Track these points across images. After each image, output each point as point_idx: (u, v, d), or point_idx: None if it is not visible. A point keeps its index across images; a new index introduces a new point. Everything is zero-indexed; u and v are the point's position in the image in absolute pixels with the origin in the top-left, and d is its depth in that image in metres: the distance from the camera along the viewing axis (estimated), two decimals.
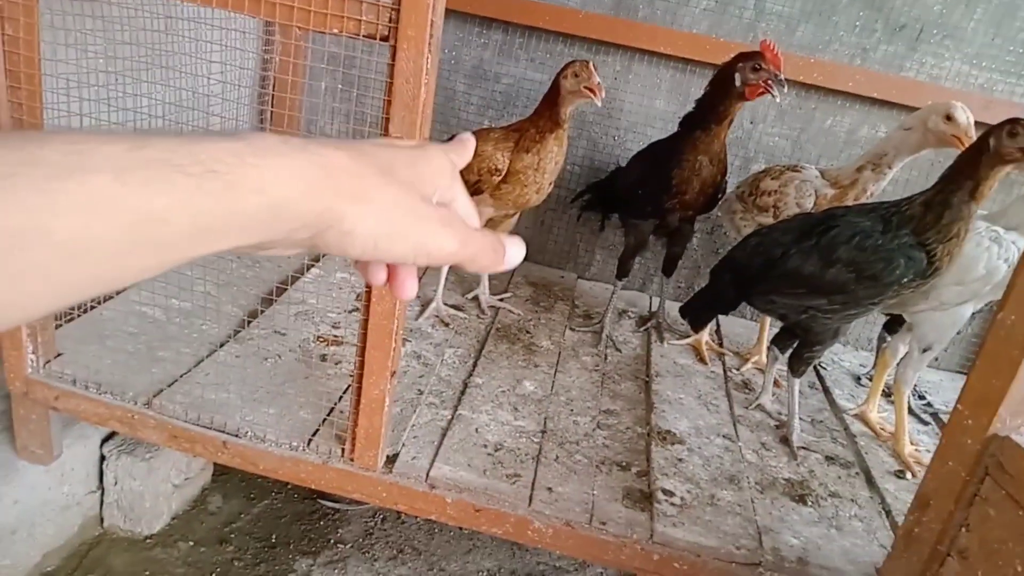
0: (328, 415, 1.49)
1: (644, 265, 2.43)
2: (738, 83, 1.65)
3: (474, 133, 2.09)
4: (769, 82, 1.61)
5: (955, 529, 1.10)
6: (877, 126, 2.18)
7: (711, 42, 2.11)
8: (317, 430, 1.44)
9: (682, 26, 2.17)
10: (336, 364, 1.68)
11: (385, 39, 1.01)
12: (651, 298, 2.43)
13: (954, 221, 1.37)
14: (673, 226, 1.94)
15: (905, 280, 1.40)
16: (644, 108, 2.29)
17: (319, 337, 1.78)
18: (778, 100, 1.64)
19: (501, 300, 2.14)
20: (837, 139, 2.23)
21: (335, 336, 1.80)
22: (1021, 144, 1.30)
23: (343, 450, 1.38)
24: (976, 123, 1.55)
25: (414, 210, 0.37)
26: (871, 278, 1.41)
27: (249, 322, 1.73)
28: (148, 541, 1.65)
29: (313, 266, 2.07)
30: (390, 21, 0.99)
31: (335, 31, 0.99)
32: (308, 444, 1.40)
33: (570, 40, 2.23)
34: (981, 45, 2.08)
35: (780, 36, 2.13)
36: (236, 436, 1.40)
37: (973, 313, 1.65)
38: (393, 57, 1.01)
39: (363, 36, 1.00)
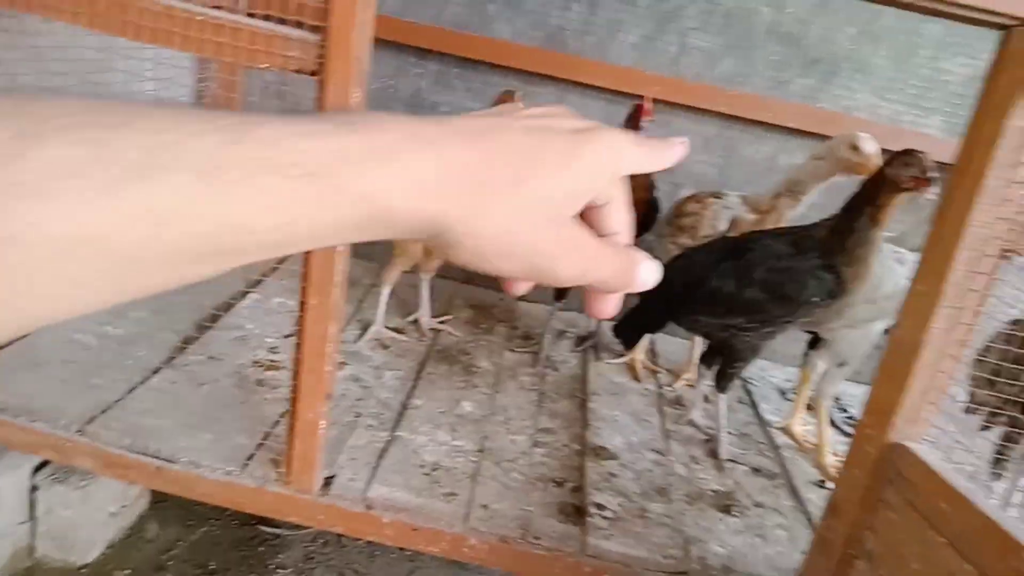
0: (264, 439, 1.50)
1: (581, 287, 2.48)
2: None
3: None
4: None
5: (862, 533, 1.18)
6: (794, 154, 2.29)
7: (638, 75, 2.21)
8: (253, 454, 1.45)
9: (610, 59, 2.26)
10: (273, 389, 1.69)
11: (314, 74, 1.05)
12: (589, 319, 2.49)
13: (858, 245, 1.46)
14: None
15: (815, 299, 1.49)
16: None
17: (256, 362, 1.78)
18: (649, 121, 1.79)
19: (441, 323, 2.18)
20: (759, 166, 2.34)
21: (272, 361, 1.80)
22: (914, 173, 1.39)
23: (279, 473, 1.40)
24: (884, 151, 1.66)
25: (534, 230, 0.33)
26: (783, 298, 1.50)
27: (185, 348, 1.73)
28: (82, 571, 1.62)
29: (251, 291, 2.07)
30: (318, 57, 1.03)
31: (264, 66, 1.03)
32: (244, 468, 1.41)
33: (505, 71, 2.30)
34: (887, 79, 2.22)
35: (703, 69, 2.24)
36: (171, 462, 1.40)
37: (886, 330, 1.76)
38: (322, 91, 1.05)
39: (292, 71, 1.04)
